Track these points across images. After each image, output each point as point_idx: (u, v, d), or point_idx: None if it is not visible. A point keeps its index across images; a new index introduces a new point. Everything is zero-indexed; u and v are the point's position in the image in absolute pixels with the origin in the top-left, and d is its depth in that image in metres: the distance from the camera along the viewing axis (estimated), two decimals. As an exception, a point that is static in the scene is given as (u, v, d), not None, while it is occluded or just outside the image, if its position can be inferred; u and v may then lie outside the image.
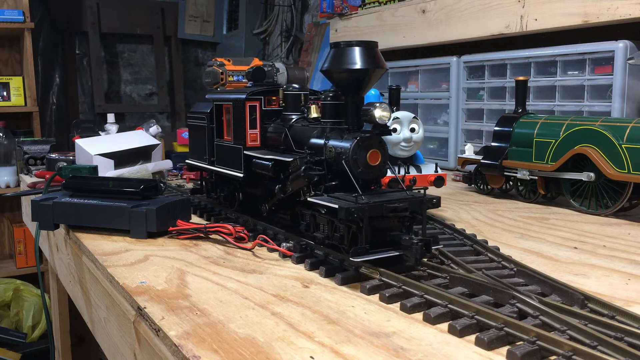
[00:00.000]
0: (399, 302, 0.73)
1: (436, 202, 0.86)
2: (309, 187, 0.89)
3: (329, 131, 0.92)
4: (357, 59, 0.85)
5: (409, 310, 0.71)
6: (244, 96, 1.08)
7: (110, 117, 2.27)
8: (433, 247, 0.85)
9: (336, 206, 0.79)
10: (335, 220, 0.84)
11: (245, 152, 1.08)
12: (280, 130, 1.05)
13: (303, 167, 0.88)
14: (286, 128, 1.03)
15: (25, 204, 1.97)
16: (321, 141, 0.92)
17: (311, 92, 1.10)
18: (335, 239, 0.85)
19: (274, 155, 1.00)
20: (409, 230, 0.86)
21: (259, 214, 1.12)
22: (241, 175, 1.09)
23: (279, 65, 1.75)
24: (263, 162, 1.02)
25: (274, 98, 1.10)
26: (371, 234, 0.80)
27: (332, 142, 0.90)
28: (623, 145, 1.18)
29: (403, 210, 0.82)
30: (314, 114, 1.00)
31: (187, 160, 1.34)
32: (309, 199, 0.87)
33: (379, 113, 0.86)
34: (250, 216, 1.14)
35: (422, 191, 0.86)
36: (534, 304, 0.67)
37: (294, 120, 1.04)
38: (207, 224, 1.10)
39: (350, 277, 0.83)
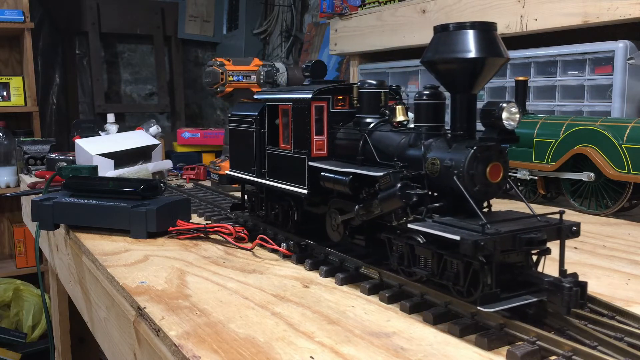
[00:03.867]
0: (399, 302, 0.73)
1: (576, 229, 0.68)
2: (406, 210, 0.72)
3: (425, 138, 0.76)
4: (470, 45, 0.67)
5: (409, 310, 0.71)
6: (309, 95, 0.89)
7: (110, 117, 2.27)
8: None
9: (457, 237, 0.62)
10: (446, 254, 0.67)
11: (310, 163, 0.89)
12: (355, 137, 0.86)
13: (399, 185, 0.71)
14: (365, 134, 0.84)
15: (25, 204, 1.97)
16: (418, 151, 0.75)
17: (391, 90, 0.92)
18: (446, 277, 0.67)
19: (353, 167, 0.81)
20: (536, 266, 0.70)
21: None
22: (305, 191, 0.90)
23: (279, 65, 1.76)
24: (338, 176, 0.83)
25: (339, 97, 0.92)
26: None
27: (435, 153, 0.73)
28: (623, 145, 1.18)
29: (541, 243, 0.64)
30: (399, 116, 0.83)
31: (227, 172, 1.16)
32: (409, 225, 0.70)
33: (507, 114, 0.68)
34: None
35: (558, 216, 0.68)
36: (534, 304, 0.67)
37: (373, 124, 0.86)
38: (207, 224, 1.10)
39: (350, 277, 0.83)
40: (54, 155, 1.95)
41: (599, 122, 1.24)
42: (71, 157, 1.86)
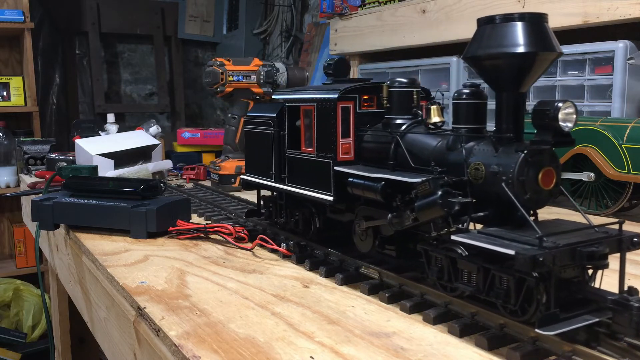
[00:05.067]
0: (399, 302, 0.73)
1: (637, 241, 0.62)
2: (447, 220, 0.66)
3: (466, 141, 0.70)
4: (519, 39, 0.62)
5: (409, 310, 0.71)
6: (335, 95, 0.83)
7: (110, 117, 2.27)
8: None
9: (511, 252, 0.56)
10: (494, 269, 0.62)
11: (336, 168, 0.83)
12: (386, 140, 0.80)
13: (440, 192, 0.65)
14: (397, 136, 0.78)
15: (25, 204, 1.97)
16: (459, 156, 0.69)
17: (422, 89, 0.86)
18: (494, 295, 0.62)
19: (384, 173, 0.76)
20: (590, 280, 0.63)
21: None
22: (330, 198, 0.84)
23: (279, 65, 1.76)
24: (368, 182, 0.77)
25: (365, 97, 0.86)
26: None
27: (478, 158, 0.67)
28: (623, 145, 1.18)
29: (602, 257, 0.59)
30: (435, 117, 0.76)
31: (242, 176, 1.10)
32: (453, 237, 0.64)
33: (563, 115, 0.62)
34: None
35: (617, 226, 0.62)
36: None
37: (405, 126, 0.80)
38: (207, 224, 1.10)
39: (350, 277, 0.83)
40: (54, 155, 1.95)
41: (599, 122, 1.24)
42: (71, 157, 1.86)
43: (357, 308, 0.73)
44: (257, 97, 1.73)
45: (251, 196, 1.45)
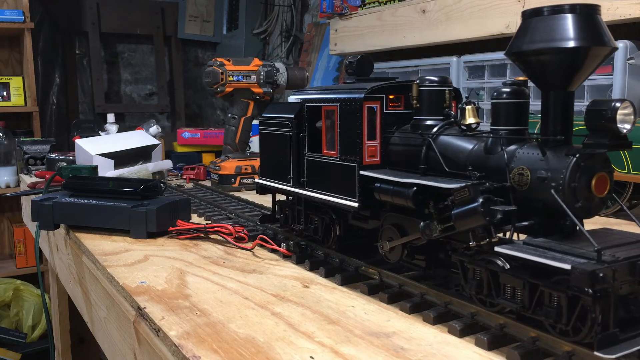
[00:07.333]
0: (399, 302, 0.73)
1: None
2: (489, 229, 0.62)
3: (507, 144, 0.65)
4: (570, 32, 0.57)
5: (409, 310, 0.71)
6: (360, 95, 0.78)
7: (110, 117, 2.28)
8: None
9: (567, 266, 0.52)
10: (544, 285, 0.57)
11: (361, 172, 0.78)
12: (416, 142, 0.75)
13: (481, 200, 0.60)
14: (429, 139, 0.73)
15: (25, 204, 1.97)
16: (500, 160, 0.65)
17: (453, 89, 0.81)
18: (544, 313, 0.57)
19: (415, 178, 0.71)
20: None
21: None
22: (355, 204, 0.79)
23: (279, 65, 1.76)
24: (398, 188, 0.72)
25: (391, 97, 0.81)
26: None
27: (523, 162, 0.62)
28: (623, 145, 1.18)
29: None
30: (470, 118, 0.71)
31: (256, 181, 1.05)
32: (496, 248, 0.60)
33: (622, 115, 0.57)
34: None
35: None
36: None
37: (437, 127, 0.75)
38: (207, 224, 1.10)
39: (350, 277, 0.83)
40: (54, 155, 1.95)
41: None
42: (71, 157, 1.86)
43: (357, 308, 0.73)
44: (257, 97, 1.73)
45: (251, 197, 1.45)
